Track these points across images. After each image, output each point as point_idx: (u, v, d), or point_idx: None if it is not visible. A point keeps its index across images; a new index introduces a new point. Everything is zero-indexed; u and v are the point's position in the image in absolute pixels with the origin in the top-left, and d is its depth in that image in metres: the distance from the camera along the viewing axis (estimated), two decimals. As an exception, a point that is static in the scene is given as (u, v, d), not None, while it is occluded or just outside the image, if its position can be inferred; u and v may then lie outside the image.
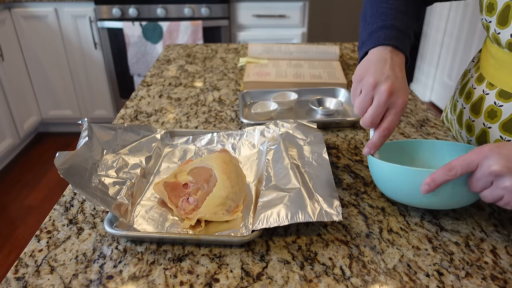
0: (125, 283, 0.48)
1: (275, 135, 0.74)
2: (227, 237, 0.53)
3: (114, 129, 0.68)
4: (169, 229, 0.56)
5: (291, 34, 2.40)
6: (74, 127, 2.80)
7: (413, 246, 0.53)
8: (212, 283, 0.48)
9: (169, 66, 1.25)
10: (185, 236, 0.53)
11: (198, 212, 0.56)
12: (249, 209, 0.60)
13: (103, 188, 0.57)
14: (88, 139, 0.60)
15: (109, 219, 0.55)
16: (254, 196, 0.62)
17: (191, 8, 2.29)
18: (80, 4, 2.32)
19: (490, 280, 0.48)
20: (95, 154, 0.61)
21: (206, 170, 0.62)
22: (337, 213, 0.53)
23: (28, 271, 0.50)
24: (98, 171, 0.60)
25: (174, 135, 0.79)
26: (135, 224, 0.57)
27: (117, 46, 2.40)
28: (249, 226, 0.56)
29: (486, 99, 0.62)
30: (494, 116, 0.61)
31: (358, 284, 0.48)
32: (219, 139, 0.77)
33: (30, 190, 2.22)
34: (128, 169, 0.65)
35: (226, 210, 0.56)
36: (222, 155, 0.64)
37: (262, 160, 0.70)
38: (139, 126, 0.74)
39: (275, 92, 0.99)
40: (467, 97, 0.67)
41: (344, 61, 1.30)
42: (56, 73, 2.51)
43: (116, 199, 0.57)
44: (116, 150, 0.66)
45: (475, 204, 0.61)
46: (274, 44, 1.26)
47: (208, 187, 0.59)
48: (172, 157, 0.73)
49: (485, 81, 0.63)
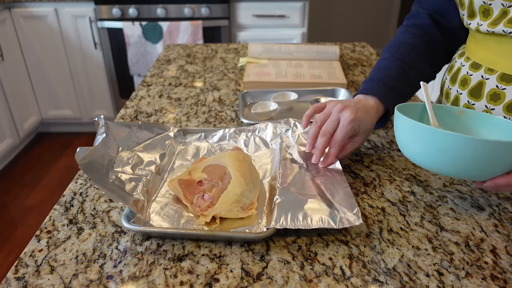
0: (125, 283, 0.48)
1: (288, 136, 0.75)
2: (244, 233, 0.54)
3: (129, 126, 0.69)
4: (185, 225, 0.57)
5: (291, 34, 2.40)
6: (74, 127, 2.80)
7: (413, 246, 0.53)
8: (212, 283, 0.48)
9: (169, 66, 1.25)
10: (203, 232, 0.54)
11: (213, 209, 0.56)
12: (263, 206, 0.60)
13: (120, 184, 0.58)
14: (105, 136, 0.61)
15: (126, 214, 0.56)
16: (268, 193, 0.63)
17: (191, 8, 2.29)
18: (80, 4, 2.32)
19: (490, 280, 0.48)
20: (111, 151, 0.62)
21: (220, 167, 0.62)
22: (357, 217, 0.54)
23: (28, 271, 0.50)
24: (114, 168, 0.61)
25: (187, 133, 0.80)
26: (151, 221, 0.58)
27: (117, 46, 2.40)
28: (263, 222, 0.57)
29: (487, 83, 0.65)
30: (498, 98, 0.63)
31: (358, 284, 0.48)
32: (231, 136, 0.78)
33: (30, 190, 2.22)
34: (143, 166, 0.66)
35: (240, 207, 0.57)
36: (236, 153, 0.65)
37: (275, 159, 0.71)
38: (153, 124, 0.75)
39: (275, 92, 0.99)
40: (463, 84, 0.69)
41: (344, 61, 1.30)
42: (56, 73, 2.51)
43: (133, 195, 0.58)
44: (131, 147, 0.68)
45: (475, 204, 0.61)
46: (274, 44, 1.26)
47: (222, 185, 0.60)
48: (185, 155, 0.74)
49: (483, 67, 0.65)
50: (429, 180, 0.67)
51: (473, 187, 0.65)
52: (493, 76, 0.64)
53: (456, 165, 0.54)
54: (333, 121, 0.66)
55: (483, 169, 0.54)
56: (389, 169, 0.70)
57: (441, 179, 0.68)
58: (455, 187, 0.65)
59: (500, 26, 0.60)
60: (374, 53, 1.40)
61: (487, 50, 0.65)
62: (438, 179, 0.67)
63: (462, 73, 0.70)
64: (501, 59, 0.63)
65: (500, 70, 0.63)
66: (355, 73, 1.20)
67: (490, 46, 0.64)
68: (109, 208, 0.61)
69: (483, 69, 0.66)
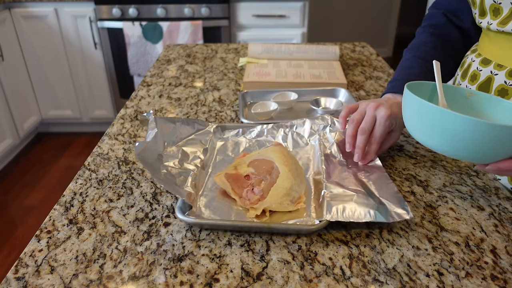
0: (125, 283, 0.48)
1: (326, 133, 0.76)
2: (297, 225, 0.55)
3: (173, 122, 0.72)
4: (236, 218, 0.58)
5: (291, 34, 2.40)
6: (74, 127, 2.80)
7: (413, 246, 0.53)
8: (212, 283, 0.48)
9: (169, 66, 1.25)
10: (257, 224, 0.55)
11: (264, 202, 0.58)
12: (310, 200, 0.61)
13: (170, 177, 0.60)
14: (157, 131, 0.63)
15: (180, 207, 0.57)
16: (313, 188, 0.64)
17: (191, 8, 2.29)
18: (80, 4, 2.32)
19: (490, 280, 0.48)
20: (158, 146, 0.64)
21: (267, 162, 0.64)
22: (406, 212, 0.55)
23: (28, 271, 0.50)
24: (163, 162, 0.63)
25: (225, 129, 0.81)
26: (202, 214, 0.59)
27: (117, 46, 2.41)
28: (313, 215, 0.58)
29: (495, 79, 0.66)
30: (505, 94, 0.64)
31: (358, 284, 0.48)
32: (269, 131, 0.80)
33: (30, 190, 2.22)
34: (189, 160, 0.68)
35: (290, 200, 0.58)
36: (280, 148, 0.67)
37: (316, 155, 0.72)
38: (194, 120, 0.77)
39: (275, 92, 0.99)
40: (472, 79, 0.70)
41: (344, 61, 1.30)
42: (56, 73, 2.51)
43: (184, 188, 0.60)
44: (175, 143, 0.70)
45: (475, 204, 0.61)
46: (274, 44, 1.26)
47: (271, 179, 0.61)
48: (225, 150, 0.76)
49: (492, 63, 0.67)
50: (429, 180, 0.67)
51: (473, 187, 0.65)
52: (502, 72, 0.65)
53: (459, 147, 0.53)
54: (370, 119, 0.67)
55: (487, 153, 0.53)
56: (389, 169, 0.70)
57: (441, 179, 0.68)
58: (455, 187, 0.65)
59: (510, 25, 0.61)
60: (374, 53, 1.40)
61: (498, 47, 0.67)
62: (438, 179, 0.67)
63: (472, 68, 0.72)
64: (511, 55, 0.64)
65: (510, 66, 0.64)
66: (355, 73, 1.20)
67: (501, 44, 0.66)
68: (109, 208, 0.61)
69: (493, 65, 0.67)
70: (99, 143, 0.80)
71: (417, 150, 0.77)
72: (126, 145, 0.79)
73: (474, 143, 0.52)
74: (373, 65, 1.27)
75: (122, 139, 0.82)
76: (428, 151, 0.76)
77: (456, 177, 0.68)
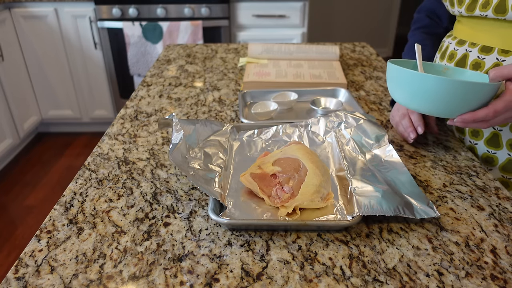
0: (125, 283, 0.48)
1: (341, 129, 0.77)
2: (332, 221, 0.56)
3: (193, 124, 0.72)
4: (266, 217, 0.58)
5: (291, 34, 2.40)
6: (74, 127, 2.80)
7: (413, 246, 0.53)
8: (212, 283, 0.48)
9: (169, 66, 1.25)
10: (294, 222, 0.55)
11: (295, 200, 0.58)
12: (337, 196, 0.62)
13: (199, 179, 0.60)
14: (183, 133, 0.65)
15: (212, 208, 0.57)
16: (338, 184, 0.65)
17: (191, 8, 2.29)
18: (80, 4, 2.32)
19: (490, 280, 0.48)
20: (182, 148, 0.65)
21: (293, 160, 0.64)
22: (433, 209, 0.57)
23: (28, 271, 0.50)
24: (189, 164, 0.63)
25: (240, 129, 0.82)
26: (232, 214, 0.59)
27: (117, 46, 2.40)
28: (343, 211, 0.59)
29: (470, 55, 0.75)
30: (478, 67, 0.73)
31: (358, 284, 0.48)
32: (284, 131, 0.80)
33: (30, 190, 2.22)
34: (212, 161, 0.68)
35: (320, 197, 0.59)
36: (303, 146, 0.67)
37: (335, 152, 0.73)
38: (211, 121, 0.77)
39: (275, 92, 0.99)
40: (450, 58, 0.80)
41: (344, 61, 1.30)
42: (56, 73, 2.51)
43: (214, 189, 0.60)
44: (196, 144, 0.70)
45: (475, 204, 0.61)
46: (274, 44, 1.26)
47: (299, 176, 0.61)
48: (242, 151, 0.76)
49: (467, 43, 0.76)
50: (429, 180, 0.67)
51: (473, 187, 0.65)
52: (475, 49, 0.74)
53: (431, 103, 0.63)
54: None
55: (452, 107, 0.62)
56: (389, 169, 0.70)
57: (441, 179, 0.68)
58: (455, 187, 0.65)
59: (477, 11, 0.71)
60: (374, 53, 1.40)
61: (470, 28, 0.76)
62: (438, 179, 0.68)
63: (450, 49, 0.81)
64: (481, 34, 0.73)
65: (481, 43, 0.73)
66: (355, 73, 1.20)
67: (473, 25, 0.75)
68: (109, 208, 0.61)
69: (467, 44, 0.76)
70: (99, 143, 0.80)
71: (417, 150, 0.77)
72: (126, 145, 0.79)
73: (441, 98, 0.61)
74: (373, 65, 1.27)
75: (122, 139, 0.82)
76: (428, 151, 0.76)
77: (456, 177, 0.68)
